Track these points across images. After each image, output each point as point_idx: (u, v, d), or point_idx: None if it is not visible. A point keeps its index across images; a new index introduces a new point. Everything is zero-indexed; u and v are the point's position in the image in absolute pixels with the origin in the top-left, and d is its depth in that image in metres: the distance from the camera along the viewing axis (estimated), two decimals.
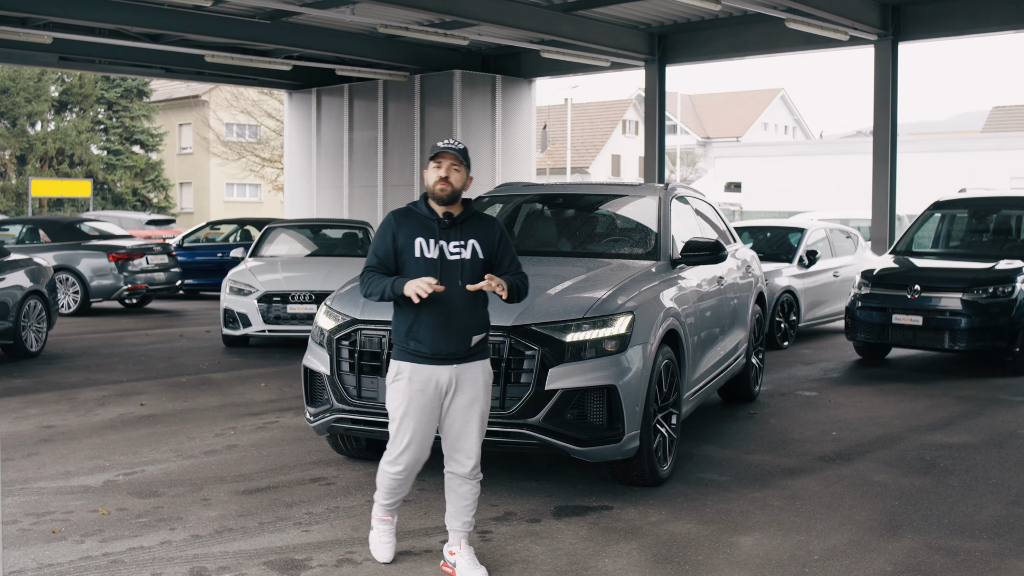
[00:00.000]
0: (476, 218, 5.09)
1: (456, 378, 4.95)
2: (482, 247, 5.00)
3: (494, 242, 5.05)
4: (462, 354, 4.93)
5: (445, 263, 4.91)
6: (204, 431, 8.37)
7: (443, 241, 4.95)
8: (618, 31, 19.41)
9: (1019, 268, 11.61)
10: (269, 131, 39.74)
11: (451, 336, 4.90)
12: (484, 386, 5.04)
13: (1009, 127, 58.02)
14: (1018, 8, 16.28)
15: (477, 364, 5.01)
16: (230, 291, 13.07)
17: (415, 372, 4.95)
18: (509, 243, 5.13)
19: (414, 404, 4.96)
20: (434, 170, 4.96)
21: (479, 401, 5.02)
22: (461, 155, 4.98)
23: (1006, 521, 6.06)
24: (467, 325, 4.94)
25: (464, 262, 4.94)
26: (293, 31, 19.72)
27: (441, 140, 5.08)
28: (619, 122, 69.09)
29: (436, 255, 4.91)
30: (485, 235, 5.03)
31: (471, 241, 4.98)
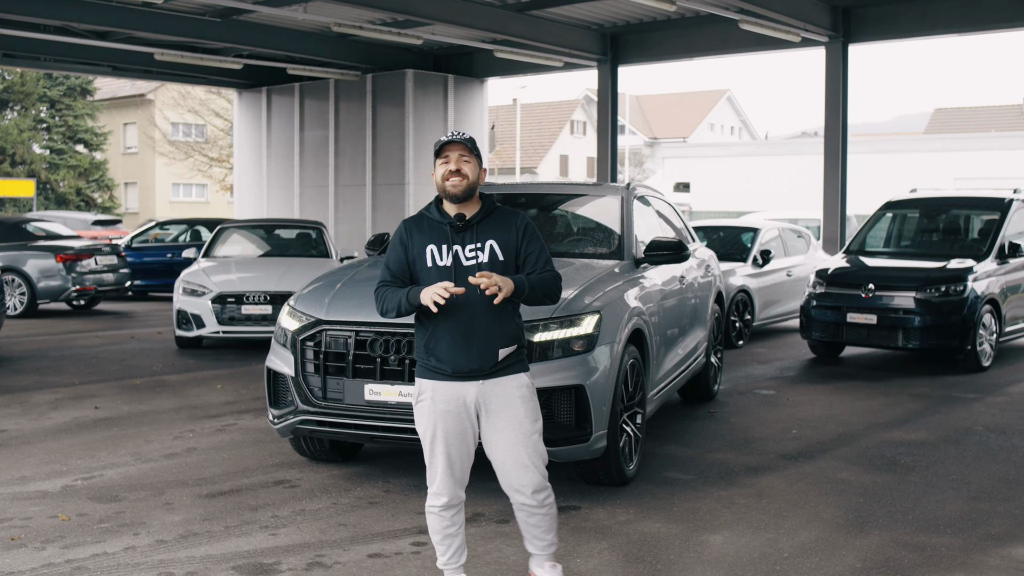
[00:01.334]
0: (496, 215, 4.51)
1: (485, 397, 4.41)
2: (501, 247, 4.44)
3: (515, 239, 4.47)
4: (487, 370, 4.38)
5: (460, 270, 4.37)
6: (162, 434, 8.24)
7: (457, 246, 4.42)
8: (571, 31, 19.44)
9: (970, 267, 11.78)
10: (217, 130, 39.34)
11: (472, 351, 4.36)
12: (521, 402, 4.42)
13: (951, 129, 59.00)
14: (964, 11, 16.53)
15: (509, 379, 4.43)
16: (183, 292, 12.90)
17: (437, 391, 4.43)
18: (535, 239, 4.51)
19: (441, 426, 4.43)
20: (442, 166, 4.43)
21: (516, 421, 4.41)
22: (469, 145, 4.44)
23: (969, 517, 6.13)
24: (491, 337, 4.38)
25: (481, 266, 4.39)
26: (244, 29, 19.51)
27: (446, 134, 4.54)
28: (567, 122, 69.29)
29: (450, 262, 4.39)
30: (504, 233, 4.46)
31: (488, 242, 4.43)
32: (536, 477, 4.45)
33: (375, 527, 5.83)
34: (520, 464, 4.44)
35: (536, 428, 4.47)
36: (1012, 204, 12.88)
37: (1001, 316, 12.09)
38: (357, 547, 5.48)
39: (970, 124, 61.01)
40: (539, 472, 4.46)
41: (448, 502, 4.49)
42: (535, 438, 4.45)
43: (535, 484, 4.46)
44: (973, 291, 11.58)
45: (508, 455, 4.44)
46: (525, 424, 4.43)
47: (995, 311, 11.97)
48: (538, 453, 4.46)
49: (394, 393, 6.14)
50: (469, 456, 4.51)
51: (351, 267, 7.39)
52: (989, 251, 12.24)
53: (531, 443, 4.44)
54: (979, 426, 8.77)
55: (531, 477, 4.45)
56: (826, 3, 16.98)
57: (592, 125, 71.44)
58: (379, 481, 6.80)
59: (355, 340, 6.26)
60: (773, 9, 15.47)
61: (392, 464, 7.23)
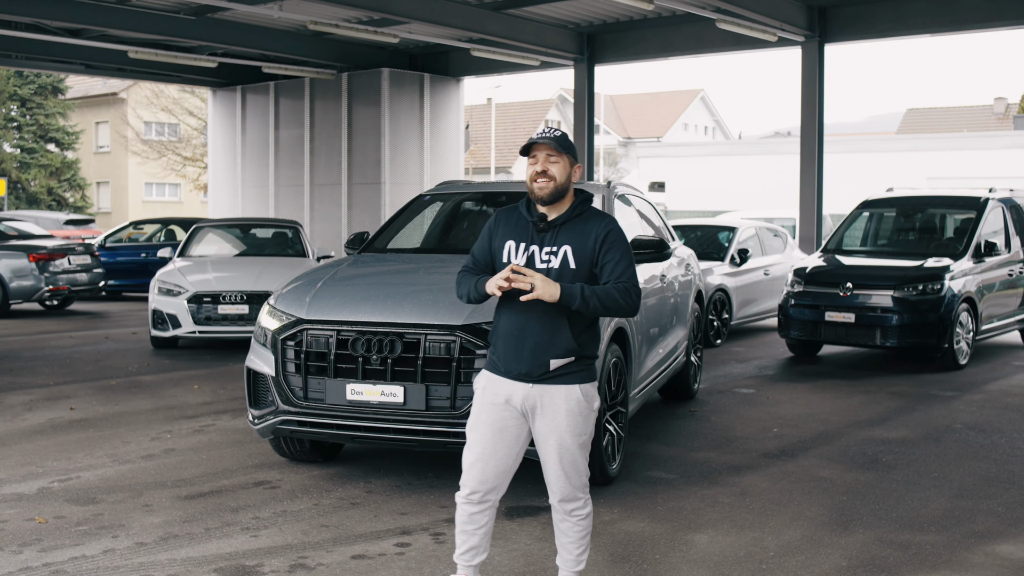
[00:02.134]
0: (581, 219, 4.31)
1: (532, 400, 4.28)
2: (575, 254, 4.24)
3: (593, 248, 4.24)
4: (536, 376, 4.26)
5: (531, 269, 4.24)
6: (139, 435, 8.14)
7: (535, 246, 4.29)
8: (547, 30, 19.42)
9: (947, 266, 11.84)
10: (191, 129, 39.08)
11: (522, 354, 4.25)
12: (566, 414, 4.26)
13: (923, 129, 59.42)
14: (939, 11, 16.62)
15: (559, 388, 4.26)
16: (159, 292, 12.78)
17: (490, 383, 4.37)
18: (615, 247, 4.25)
19: (483, 416, 4.36)
20: (530, 166, 4.30)
21: (557, 432, 4.28)
22: (558, 143, 4.27)
23: (952, 514, 6.14)
24: (542, 345, 4.23)
25: (551, 271, 4.24)
26: (219, 27, 19.37)
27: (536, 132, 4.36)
28: (541, 122, 69.23)
29: (523, 261, 4.28)
30: (582, 239, 4.25)
31: (564, 247, 4.25)
32: (567, 487, 4.37)
33: (357, 528, 5.78)
34: (554, 471, 4.36)
35: (578, 442, 4.32)
36: (988, 203, 12.96)
37: (977, 314, 12.15)
38: (340, 548, 5.43)
39: (942, 124, 61.50)
40: (570, 484, 4.36)
41: (470, 493, 4.38)
42: (574, 451, 4.32)
43: (564, 493, 4.38)
44: (950, 290, 11.63)
45: (546, 459, 4.36)
46: (565, 437, 4.30)
47: (972, 309, 12.03)
48: (574, 465, 4.34)
49: (376, 393, 6.09)
50: (507, 455, 4.38)
51: (331, 266, 7.33)
52: (966, 250, 12.30)
53: (568, 455, 4.32)
54: (959, 424, 8.80)
55: (561, 486, 4.37)
56: (802, 3, 17.03)
57: (567, 124, 71.43)
58: (360, 482, 6.74)
59: (336, 339, 6.20)
60: (750, 8, 15.51)
61: (373, 465, 7.18)
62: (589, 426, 4.37)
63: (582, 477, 4.40)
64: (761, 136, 72.37)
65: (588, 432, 4.37)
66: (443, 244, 8.22)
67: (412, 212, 8.48)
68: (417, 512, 6.07)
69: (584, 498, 4.43)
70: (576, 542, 4.46)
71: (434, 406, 6.03)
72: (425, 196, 8.56)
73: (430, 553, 5.36)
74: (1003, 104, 64.05)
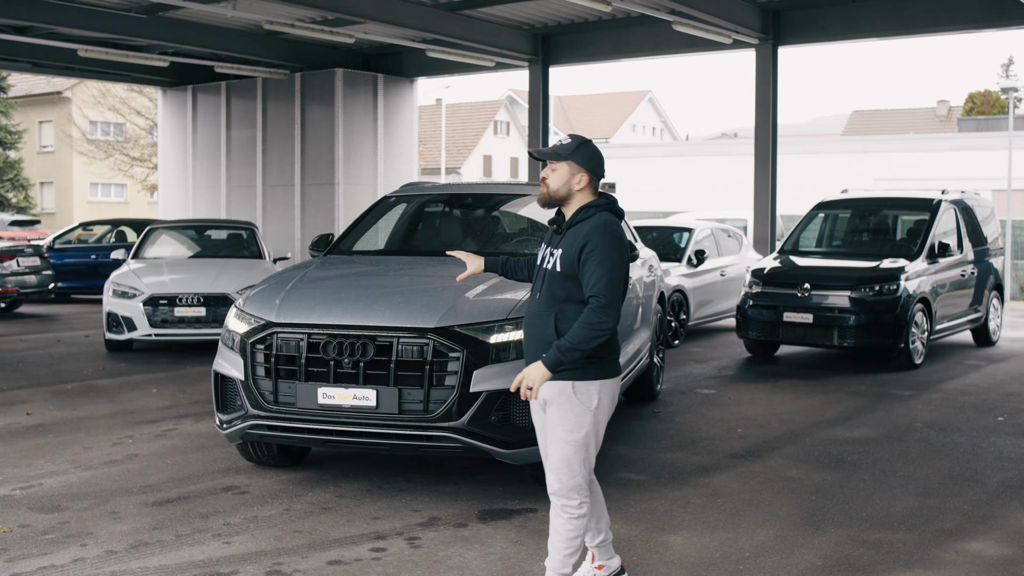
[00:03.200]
0: (581, 224, 4.40)
1: (542, 395, 4.43)
2: (563, 259, 4.38)
3: (575, 255, 4.34)
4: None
5: (538, 272, 4.55)
6: (100, 440, 8.01)
7: (549, 248, 4.53)
8: (502, 31, 19.40)
9: (902, 267, 11.98)
10: (138, 129, 38.56)
11: (529, 347, 4.49)
12: (557, 409, 4.37)
13: (868, 130, 60.19)
14: (890, 16, 16.83)
15: (554, 384, 4.36)
16: (113, 294, 12.59)
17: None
18: (592, 258, 4.28)
19: (534, 418, 4.63)
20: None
21: (550, 424, 4.42)
22: (553, 155, 4.45)
23: (920, 513, 6.21)
24: (538, 342, 4.42)
25: (546, 272, 4.47)
26: (170, 26, 19.11)
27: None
28: (490, 123, 69.30)
29: (539, 263, 4.58)
30: (571, 245, 4.37)
31: (559, 251, 4.43)
32: (555, 482, 4.42)
33: (331, 533, 5.72)
34: (546, 464, 4.48)
35: (568, 439, 4.37)
36: (941, 205, 13.15)
37: (932, 314, 12.32)
38: (315, 554, 5.37)
39: (887, 126, 62.37)
40: (559, 480, 4.40)
41: (550, 490, 4.48)
42: (563, 446, 4.37)
43: (553, 488, 4.44)
44: (906, 290, 11.78)
45: (543, 453, 4.53)
46: (557, 431, 4.39)
47: (926, 310, 12.20)
48: (565, 463, 4.37)
49: (348, 396, 6.04)
50: None
51: (299, 268, 7.26)
52: (920, 251, 12.47)
53: (558, 450, 4.39)
54: (919, 423, 8.92)
55: (551, 478, 4.45)
56: (756, 6, 17.17)
57: (516, 125, 71.52)
58: (330, 486, 6.68)
59: (307, 343, 6.14)
60: (706, 11, 15.60)
61: (342, 469, 7.12)
62: (584, 424, 4.38)
63: (575, 478, 4.39)
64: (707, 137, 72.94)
65: (583, 431, 4.38)
66: (410, 246, 8.18)
67: (377, 214, 8.43)
68: (390, 516, 6.03)
69: (579, 500, 4.41)
70: (566, 542, 4.44)
71: (407, 409, 5.99)
72: (390, 198, 8.51)
73: (407, 558, 5.32)
74: (946, 107, 65.13)
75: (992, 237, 14.45)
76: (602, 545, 4.78)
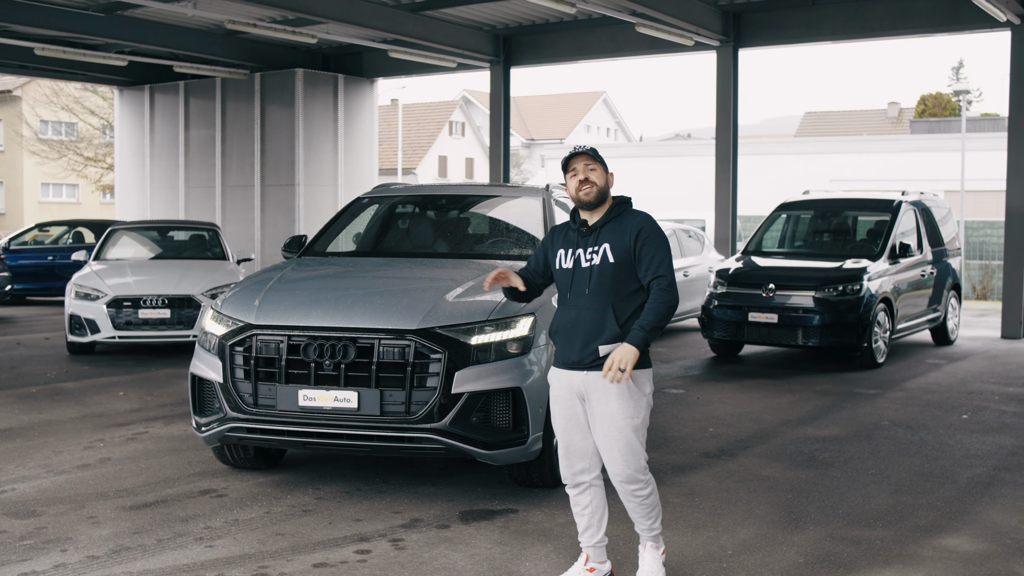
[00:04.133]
0: (619, 219, 4.73)
1: (587, 387, 4.66)
2: (613, 250, 4.65)
3: (630, 243, 4.64)
4: (587, 363, 4.64)
5: (577, 271, 4.71)
6: (70, 444, 7.92)
7: (580, 249, 4.73)
8: (464, 32, 19.39)
9: (865, 267, 12.14)
10: (92, 129, 38.08)
11: (574, 343, 4.67)
12: (617, 397, 4.61)
13: (821, 132, 60.83)
14: (849, 18, 17.03)
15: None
16: (76, 296, 12.44)
17: (554, 375, 4.84)
18: (650, 242, 4.63)
19: (557, 408, 4.82)
20: (571, 178, 4.75)
21: (610, 416, 4.63)
22: (592, 154, 4.75)
23: (895, 509, 6.31)
24: (592, 334, 4.63)
25: (593, 268, 4.67)
26: (128, 25, 18.88)
27: (571, 148, 4.81)
28: (445, 123, 69.22)
29: (571, 265, 4.74)
30: (620, 237, 4.66)
31: (603, 245, 4.67)
32: (623, 468, 4.66)
33: (314, 536, 5.70)
34: (610, 454, 4.68)
35: (631, 424, 4.64)
36: (901, 206, 13.33)
37: (894, 314, 12.50)
38: (300, 557, 5.35)
39: (839, 128, 63.06)
40: (627, 465, 4.65)
41: (571, 480, 4.83)
42: (627, 432, 4.63)
43: (622, 475, 4.67)
44: (868, 290, 11.94)
45: (601, 443, 4.70)
46: (617, 419, 4.63)
47: (888, 309, 12.37)
48: (630, 448, 4.64)
49: (329, 398, 6.02)
50: (583, 439, 4.76)
51: (275, 269, 7.23)
52: (882, 251, 12.64)
53: (622, 437, 4.64)
54: (886, 421, 9.05)
55: (618, 467, 4.66)
56: (717, 8, 17.31)
57: (471, 126, 71.51)
58: (308, 488, 6.66)
59: (288, 345, 6.12)
60: (668, 13, 15.69)
61: (318, 471, 7.09)
62: (641, 409, 4.69)
63: (639, 460, 4.69)
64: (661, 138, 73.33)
65: (641, 416, 4.69)
66: (384, 247, 8.16)
67: (350, 215, 8.41)
68: (372, 518, 6.02)
69: (645, 479, 4.72)
70: (645, 515, 4.80)
71: (389, 411, 5.99)
72: (363, 199, 8.49)
73: (392, 560, 5.32)
74: (896, 109, 65.99)
75: (949, 238, 14.67)
76: (598, 546, 4.91)
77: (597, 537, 4.89)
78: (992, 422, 9.06)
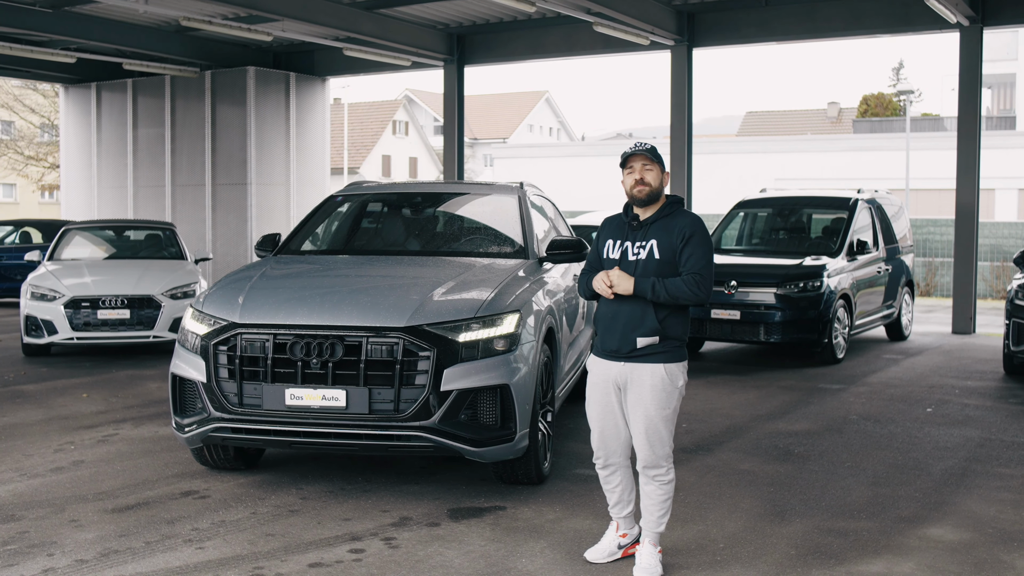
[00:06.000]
0: (669, 217, 4.98)
1: (625, 376, 4.96)
2: (660, 247, 4.92)
3: (676, 242, 4.91)
4: (625, 353, 4.93)
5: (623, 263, 4.96)
6: (40, 447, 7.78)
7: (628, 242, 4.99)
8: (418, 31, 19.32)
9: (824, 265, 12.29)
10: (33, 127, 37.39)
11: (614, 334, 4.95)
12: (651, 390, 4.91)
13: (762, 131, 61.47)
14: (801, 19, 17.23)
15: (645, 367, 4.92)
16: (31, 296, 12.20)
17: (593, 364, 5.13)
18: (693, 243, 4.90)
19: (592, 395, 5.12)
20: (628, 175, 5.00)
21: (643, 405, 4.92)
22: (651, 154, 4.97)
23: (876, 501, 6.40)
24: (632, 325, 4.90)
25: (639, 263, 4.93)
26: (75, 21, 18.52)
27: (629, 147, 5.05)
28: (389, 123, 68.97)
29: (617, 256, 5.00)
30: (668, 235, 4.93)
31: (651, 241, 4.94)
32: (650, 455, 4.97)
33: (305, 536, 5.66)
34: (639, 440, 4.99)
35: (661, 415, 4.93)
36: (857, 204, 13.52)
37: (852, 310, 12.67)
38: (294, 557, 5.31)
39: (779, 127, 63.75)
40: (654, 452, 4.96)
41: (602, 462, 5.19)
42: (657, 421, 4.93)
43: (648, 460, 4.99)
44: (828, 287, 12.09)
45: (633, 430, 5.01)
46: (650, 408, 4.92)
47: (847, 306, 12.54)
48: (658, 436, 4.95)
49: (317, 397, 5.98)
50: (616, 425, 5.09)
51: (254, 267, 7.16)
52: (840, 248, 12.80)
53: (652, 425, 4.94)
54: (853, 415, 9.17)
55: (646, 454, 4.98)
56: (671, 8, 17.42)
57: (414, 125, 71.31)
58: (292, 488, 6.60)
59: (274, 343, 6.06)
60: (625, 13, 15.77)
61: (299, 470, 7.04)
62: (673, 401, 4.98)
63: (665, 447, 5.00)
64: (602, 137, 73.64)
65: (672, 407, 4.99)
66: (362, 245, 8.10)
67: (324, 213, 8.34)
68: (360, 517, 5.99)
69: (667, 466, 5.02)
70: (658, 505, 5.05)
71: (377, 409, 5.96)
72: (337, 197, 8.44)
73: (387, 558, 5.29)
74: (836, 108, 66.83)
75: (901, 235, 14.90)
76: (628, 517, 5.30)
77: (628, 509, 5.27)
78: (956, 415, 9.23)
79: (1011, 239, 25.32)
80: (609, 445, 5.14)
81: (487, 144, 66.40)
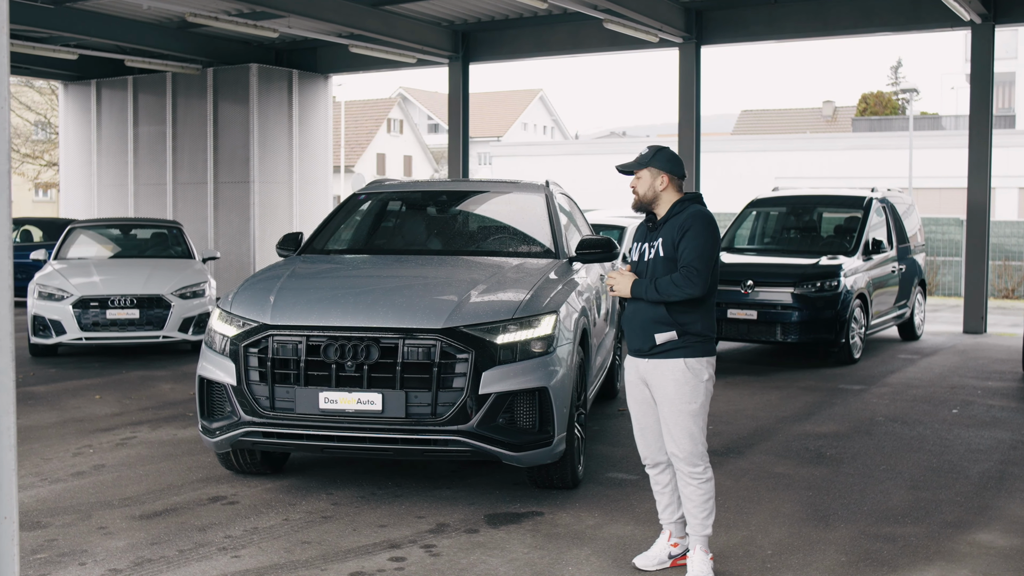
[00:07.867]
0: (677, 216, 5.00)
1: (648, 373, 4.99)
2: (664, 245, 4.98)
3: (676, 239, 4.95)
4: (646, 350, 4.96)
5: (640, 264, 5.06)
6: (58, 451, 7.63)
7: (647, 244, 5.07)
8: (424, 28, 19.16)
9: (841, 264, 12.18)
10: (29, 125, 37.14)
11: (635, 333, 5.01)
12: (673, 383, 4.90)
13: (757, 129, 61.42)
14: (811, 17, 17.12)
15: (667, 362, 4.92)
16: (39, 296, 12.03)
17: (627, 362, 5.19)
18: (689, 237, 4.89)
19: (630, 393, 5.18)
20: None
21: (668, 400, 4.92)
22: (636, 165, 5.04)
23: (919, 506, 6.29)
24: (648, 323, 4.94)
25: (651, 261, 5.00)
26: (79, 17, 18.35)
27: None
28: (384, 121, 68.78)
29: (637, 257, 5.10)
30: (671, 232, 4.97)
31: (659, 240, 5.01)
32: (680, 450, 4.92)
33: (342, 543, 5.52)
34: (670, 436, 4.96)
35: (687, 409, 4.89)
36: (872, 203, 13.41)
37: (868, 310, 12.57)
38: (334, 566, 5.17)
39: (775, 126, 63.71)
40: (680, 447, 4.92)
41: (650, 461, 5.18)
42: (684, 416, 4.89)
43: (681, 455, 4.94)
44: (845, 286, 11.98)
45: (664, 424, 4.97)
46: (676, 403, 4.91)
47: (864, 305, 12.43)
48: (687, 432, 4.90)
49: (352, 401, 5.84)
50: (654, 422, 5.08)
51: (281, 267, 7.01)
52: (856, 248, 12.69)
53: (680, 420, 4.90)
54: (880, 417, 9.06)
55: (676, 449, 4.94)
56: (680, 5, 17.30)
57: (408, 123, 71.10)
58: (322, 494, 6.46)
59: (307, 345, 5.92)
60: (634, 9, 15.64)
61: (327, 475, 6.90)
62: (699, 396, 4.91)
63: (697, 445, 4.92)
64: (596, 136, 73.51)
65: (698, 402, 4.91)
66: (388, 245, 7.96)
67: (347, 212, 8.19)
68: (396, 524, 5.85)
69: (703, 464, 4.95)
70: (700, 505, 4.96)
71: (414, 413, 5.82)
72: (360, 195, 8.29)
73: (430, 567, 5.16)
74: (831, 107, 66.81)
75: (912, 233, 14.80)
76: (679, 523, 5.18)
77: (679, 514, 5.16)
78: (983, 416, 9.12)
79: (1012, 238, 25.28)
80: (650, 442, 5.15)
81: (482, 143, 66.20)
